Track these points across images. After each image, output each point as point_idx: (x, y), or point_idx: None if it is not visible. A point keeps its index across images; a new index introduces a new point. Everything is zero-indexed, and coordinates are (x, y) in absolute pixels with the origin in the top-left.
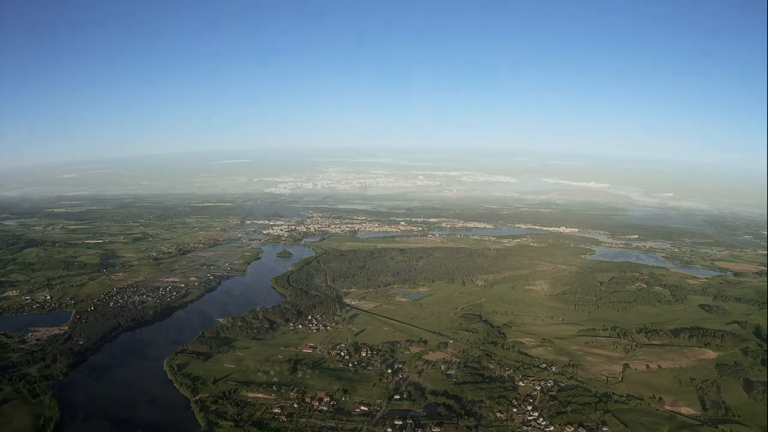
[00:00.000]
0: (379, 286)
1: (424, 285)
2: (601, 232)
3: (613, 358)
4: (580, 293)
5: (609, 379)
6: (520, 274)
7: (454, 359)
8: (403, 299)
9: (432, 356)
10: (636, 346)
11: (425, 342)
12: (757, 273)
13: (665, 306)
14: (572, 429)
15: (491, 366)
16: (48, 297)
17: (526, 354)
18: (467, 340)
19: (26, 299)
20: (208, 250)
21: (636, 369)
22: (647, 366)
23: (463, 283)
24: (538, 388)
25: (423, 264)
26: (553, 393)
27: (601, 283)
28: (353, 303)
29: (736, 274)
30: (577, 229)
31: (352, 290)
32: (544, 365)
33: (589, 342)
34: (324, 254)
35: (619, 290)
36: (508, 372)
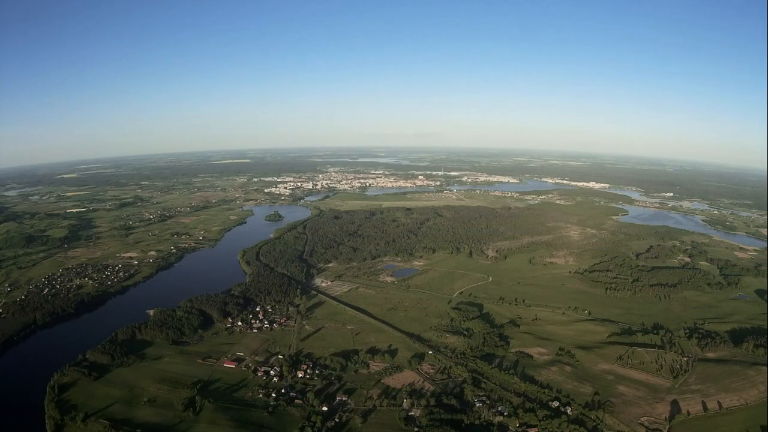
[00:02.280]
0: (366, 259)
1: (421, 257)
2: (633, 188)
3: (656, 387)
4: (612, 270)
5: None
6: (541, 240)
7: (426, 386)
8: (389, 278)
9: (396, 379)
10: (687, 363)
11: (394, 352)
12: None
13: (716, 292)
14: None
15: (477, 403)
16: None
17: (533, 378)
18: (453, 350)
19: None
20: (193, 214)
21: (689, 413)
22: (704, 405)
23: (470, 253)
24: None
25: (427, 228)
26: None
27: (637, 255)
28: (323, 285)
29: None
30: (608, 185)
31: (330, 265)
32: (556, 404)
33: (623, 357)
34: (317, 216)
35: (659, 267)
36: (500, 418)
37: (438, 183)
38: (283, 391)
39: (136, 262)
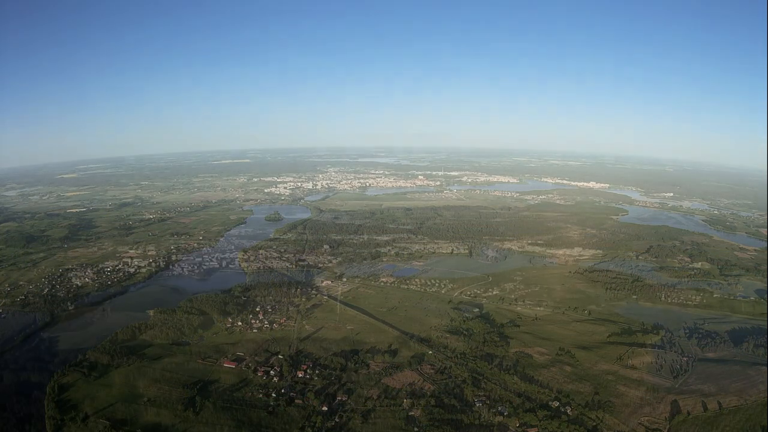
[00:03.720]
0: (365, 259)
1: (421, 257)
2: (633, 188)
3: (656, 386)
4: (613, 270)
5: None
6: (541, 240)
7: (426, 386)
8: (390, 278)
9: (396, 379)
10: (687, 363)
11: (394, 352)
12: None
13: (716, 292)
14: None
15: (477, 403)
16: None
17: (533, 378)
18: (454, 350)
19: None
20: (193, 214)
21: (689, 413)
22: (704, 405)
23: (470, 253)
24: None
25: (427, 228)
26: None
27: (637, 256)
28: (323, 284)
29: None
30: (608, 185)
31: (329, 265)
32: (556, 403)
33: (623, 357)
34: (317, 217)
35: (660, 266)
36: (500, 418)
37: (438, 183)
38: (283, 391)
39: (136, 262)
